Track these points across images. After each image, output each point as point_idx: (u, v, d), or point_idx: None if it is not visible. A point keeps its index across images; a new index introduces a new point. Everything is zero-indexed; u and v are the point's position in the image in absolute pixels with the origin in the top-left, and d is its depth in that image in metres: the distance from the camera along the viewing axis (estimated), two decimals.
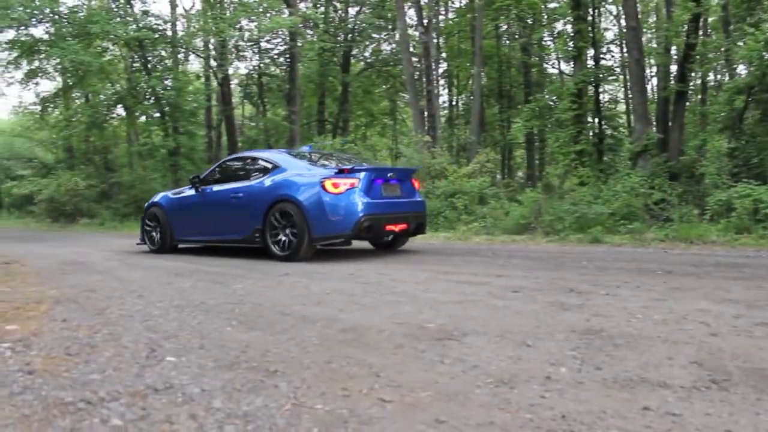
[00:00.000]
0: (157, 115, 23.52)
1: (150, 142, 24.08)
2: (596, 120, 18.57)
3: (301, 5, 25.54)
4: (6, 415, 2.39)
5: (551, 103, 19.75)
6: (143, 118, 25.71)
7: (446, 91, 30.43)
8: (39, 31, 21.94)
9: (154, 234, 10.09)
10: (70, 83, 25.04)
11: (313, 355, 3.19)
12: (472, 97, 23.69)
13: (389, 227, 8.25)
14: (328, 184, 7.79)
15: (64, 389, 2.70)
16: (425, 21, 20.30)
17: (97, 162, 27.10)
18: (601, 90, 19.83)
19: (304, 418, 2.31)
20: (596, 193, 12.17)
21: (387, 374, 2.85)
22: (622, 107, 26.65)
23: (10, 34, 21.60)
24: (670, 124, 15.30)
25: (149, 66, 22.99)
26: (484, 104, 25.07)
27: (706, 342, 3.29)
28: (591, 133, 17.63)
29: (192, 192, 9.61)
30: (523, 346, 3.29)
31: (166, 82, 22.50)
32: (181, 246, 10.42)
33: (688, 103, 17.04)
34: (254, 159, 9.23)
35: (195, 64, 30.38)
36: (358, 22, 29.13)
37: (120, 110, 25.81)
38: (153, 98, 22.97)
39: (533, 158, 26.51)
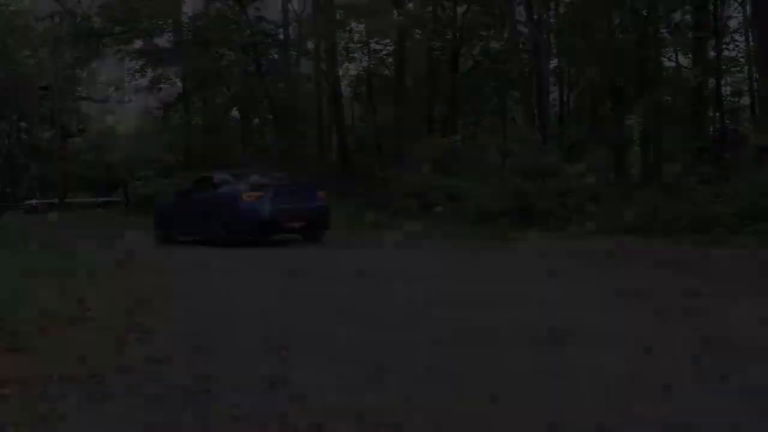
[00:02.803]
0: (270, 116, 24.25)
1: (263, 143, 24.84)
2: (717, 114, 17.60)
3: (409, 5, 25.61)
4: None
5: (668, 98, 18.90)
6: (257, 120, 26.58)
7: (557, 87, 29.72)
8: (162, 41, 23.17)
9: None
10: (190, 88, 26.15)
11: None
12: None
13: (289, 224, 10.98)
14: (244, 196, 10.87)
15: None
16: (535, 17, 19.90)
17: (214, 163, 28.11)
18: (723, 83, 18.79)
19: None
20: (717, 191, 11.54)
21: None
22: (746, 100, 25.14)
23: (137, 43, 22.93)
24: None
25: (262, 70, 23.72)
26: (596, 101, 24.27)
27: None
28: (711, 129, 16.75)
29: (181, 199, 12.73)
30: (640, 352, 3.18)
31: (278, 85, 23.14)
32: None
33: None
34: (212, 177, 12.59)
35: (306, 67, 31.11)
36: (466, 21, 28.85)
37: (235, 113, 26.77)
38: (266, 101, 23.69)
39: (648, 156, 25.48)
